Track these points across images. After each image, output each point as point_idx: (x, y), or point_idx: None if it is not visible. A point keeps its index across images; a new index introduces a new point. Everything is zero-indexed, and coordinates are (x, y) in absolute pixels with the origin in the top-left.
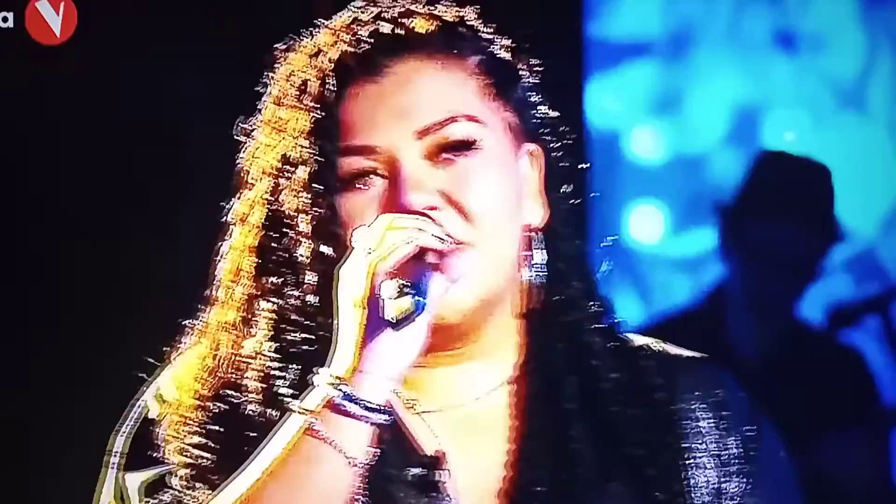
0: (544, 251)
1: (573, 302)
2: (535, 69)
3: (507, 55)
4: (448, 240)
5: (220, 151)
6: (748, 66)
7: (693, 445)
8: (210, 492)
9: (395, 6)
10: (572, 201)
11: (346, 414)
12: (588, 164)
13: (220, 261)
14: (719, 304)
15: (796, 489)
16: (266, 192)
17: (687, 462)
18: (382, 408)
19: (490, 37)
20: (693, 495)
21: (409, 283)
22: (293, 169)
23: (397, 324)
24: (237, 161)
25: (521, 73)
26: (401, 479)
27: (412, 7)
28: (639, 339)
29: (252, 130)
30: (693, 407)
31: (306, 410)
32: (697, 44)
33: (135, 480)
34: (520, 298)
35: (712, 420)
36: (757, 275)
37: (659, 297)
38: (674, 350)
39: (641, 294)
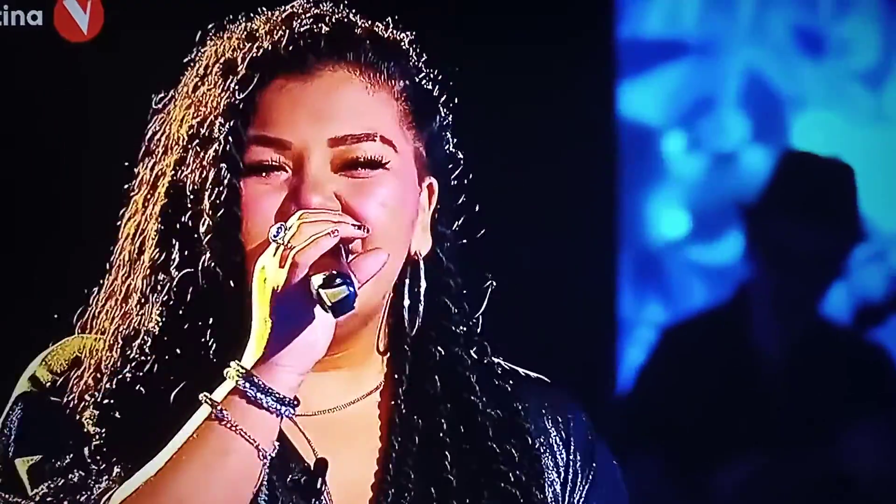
0: (425, 280)
1: (449, 333)
2: (454, 107)
3: (431, 87)
4: (365, 227)
5: None
6: (774, 67)
7: (545, 462)
8: (117, 469)
9: (337, 13)
10: (462, 240)
11: (258, 405)
12: (477, 207)
13: (122, 226)
14: (744, 303)
15: (625, 497)
16: (174, 163)
17: (541, 479)
18: (292, 401)
19: (420, 65)
20: None
21: (338, 274)
22: (203, 145)
23: (335, 311)
24: (150, 127)
25: (440, 107)
26: (282, 483)
27: (354, 18)
28: (493, 360)
29: (171, 99)
30: (543, 425)
31: (212, 401)
32: (726, 45)
33: (23, 465)
34: (393, 321)
35: (558, 437)
36: (782, 274)
37: (685, 296)
38: (521, 371)
39: (667, 293)
